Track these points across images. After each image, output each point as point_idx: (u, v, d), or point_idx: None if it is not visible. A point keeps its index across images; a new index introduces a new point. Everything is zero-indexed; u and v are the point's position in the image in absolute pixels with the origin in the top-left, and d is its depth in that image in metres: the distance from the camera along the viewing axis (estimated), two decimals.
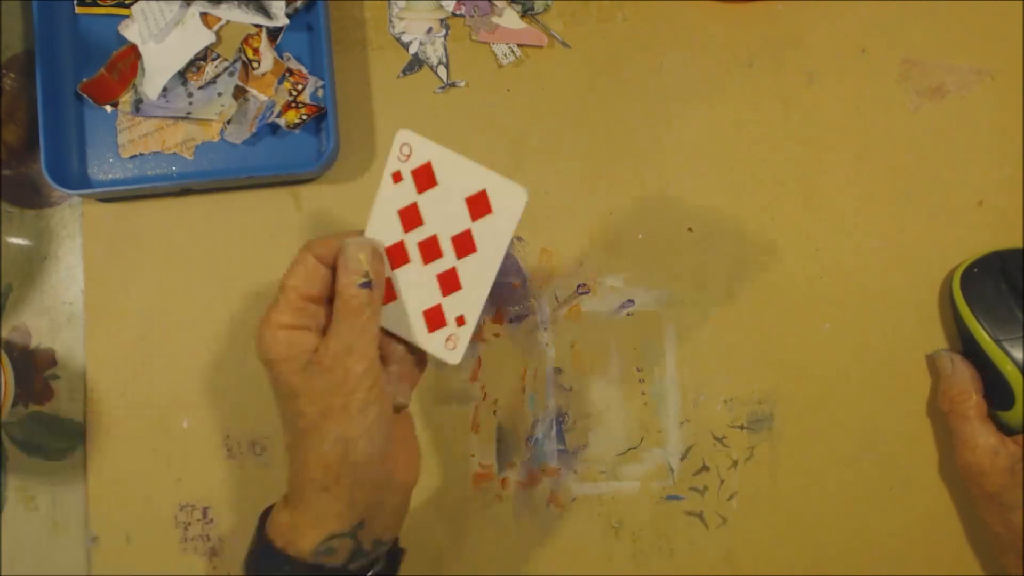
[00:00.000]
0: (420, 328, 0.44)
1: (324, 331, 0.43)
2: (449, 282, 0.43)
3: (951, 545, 0.54)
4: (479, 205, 0.41)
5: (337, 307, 0.42)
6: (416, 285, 0.44)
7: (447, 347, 0.44)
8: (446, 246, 0.43)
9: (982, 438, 0.49)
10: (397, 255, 0.44)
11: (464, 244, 0.42)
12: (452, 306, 0.44)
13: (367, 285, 0.42)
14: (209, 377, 0.55)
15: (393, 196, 0.43)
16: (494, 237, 0.41)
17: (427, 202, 0.42)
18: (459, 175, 0.41)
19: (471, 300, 0.43)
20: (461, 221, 0.41)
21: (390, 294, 0.44)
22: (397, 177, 0.43)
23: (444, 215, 0.42)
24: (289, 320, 0.43)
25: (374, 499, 0.43)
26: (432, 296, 0.44)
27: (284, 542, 0.42)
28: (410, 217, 0.43)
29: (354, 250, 0.42)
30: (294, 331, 0.42)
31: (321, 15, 0.53)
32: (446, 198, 0.42)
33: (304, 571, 0.42)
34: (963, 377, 0.51)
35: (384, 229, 0.44)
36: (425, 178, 0.42)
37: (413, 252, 0.43)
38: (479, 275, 0.43)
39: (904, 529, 0.54)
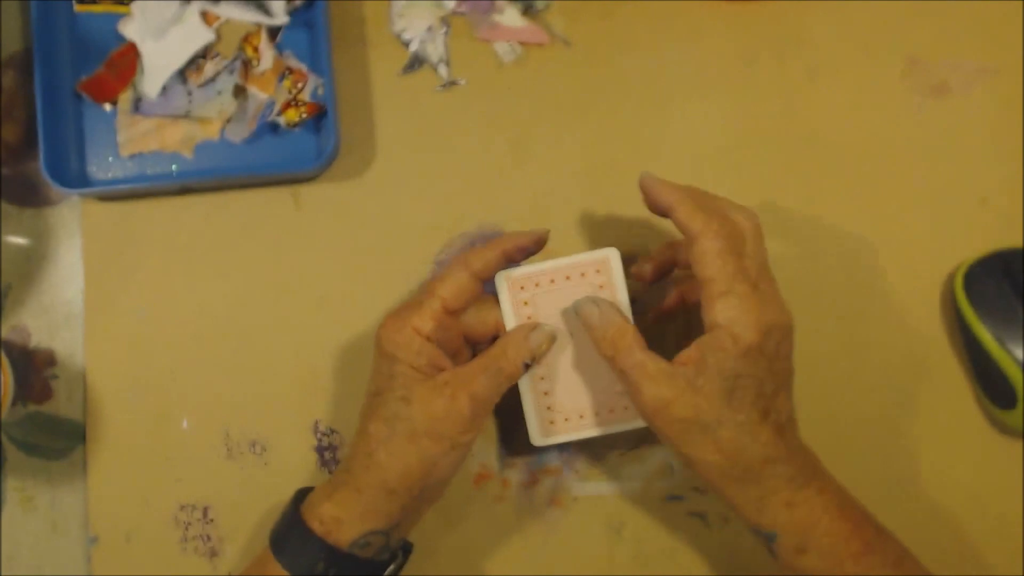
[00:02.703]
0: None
1: (444, 344, 0.46)
2: None
3: (952, 545, 0.54)
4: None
5: (496, 361, 0.45)
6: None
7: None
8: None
9: (652, 365, 0.43)
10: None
11: None
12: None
13: (528, 365, 0.45)
14: (209, 377, 0.54)
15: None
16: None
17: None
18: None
19: None
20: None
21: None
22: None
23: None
24: (429, 329, 0.45)
25: (417, 507, 0.46)
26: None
27: (324, 530, 0.45)
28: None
29: (540, 337, 0.46)
30: (427, 342, 0.45)
31: (321, 13, 0.53)
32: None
33: (339, 560, 0.45)
34: (613, 315, 0.45)
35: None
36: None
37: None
38: None
39: (905, 529, 0.54)
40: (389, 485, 0.44)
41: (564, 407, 0.48)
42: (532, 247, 0.47)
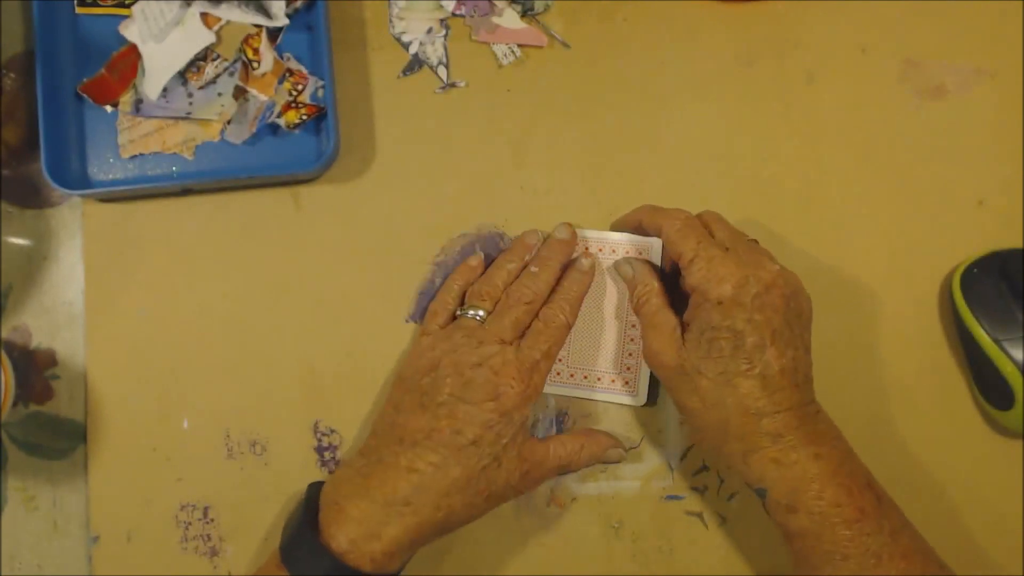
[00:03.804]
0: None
1: None
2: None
3: (951, 545, 0.54)
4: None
5: (567, 456, 0.50)
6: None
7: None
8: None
9: (662, 318, 0.48)
10: None
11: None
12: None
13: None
14: (209, 377, 0.55)
15: None
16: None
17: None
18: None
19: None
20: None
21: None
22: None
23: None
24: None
25: None
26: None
27: (376, 567, 0.45)
28: None
29: (615, 456, 0.52)
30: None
31: (321, 15, 0.53)
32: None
33: None
34: (645, 272, 0.50)
35: None
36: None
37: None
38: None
39: None
40: (449, 527, 0.47)
41: (572, 363, 0.53)
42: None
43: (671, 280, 0.51)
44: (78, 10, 0.55)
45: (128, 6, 0.55)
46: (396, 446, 0.47)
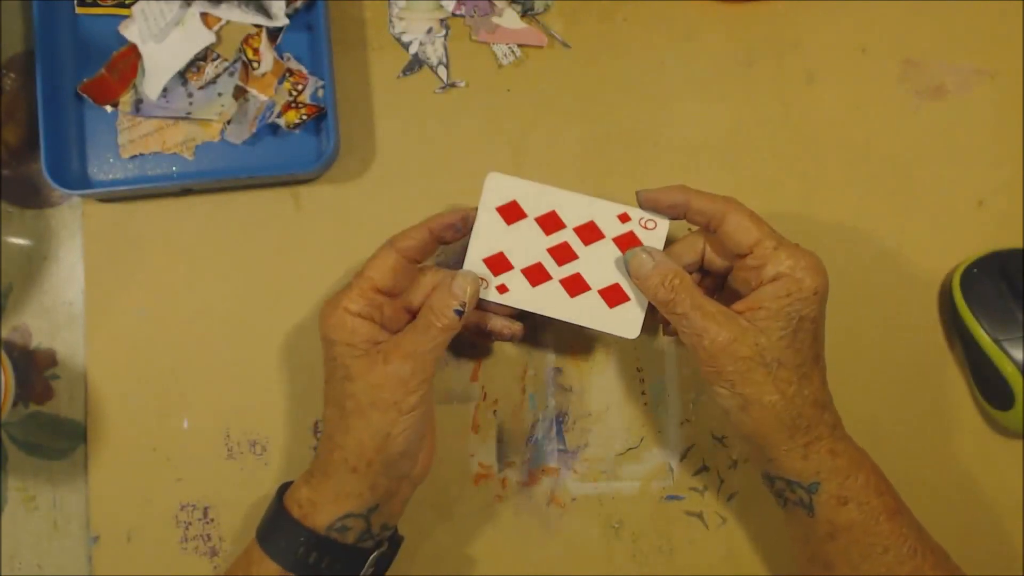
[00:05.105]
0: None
1: (386, 324, 0.46)
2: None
3: (951, 545, 0.54)
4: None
5: (424, 317, 0.46)
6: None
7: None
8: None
9: (712, 307, 0.44)
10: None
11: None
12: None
13: (459, 312, 0.45)
14: (209, 377, 0.55)
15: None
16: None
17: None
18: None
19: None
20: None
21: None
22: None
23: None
24: (357, 308, 0.46)
25: (392, 488, 0.46)
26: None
27: (301, 514, 0.45)
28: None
29: (463, 281, 0.46)
30: (359, 319, 0.46)
31: (321, 15, 0.54)
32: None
33: (317, 543, 0.45)
34: (669, 262, 0.46)
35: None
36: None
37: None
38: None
39: None
40: (350, 464, 0.45)
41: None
42: (459, 224, 0.48)
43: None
44: (78, 10, 0.55)
45: (128, 6, 0.55)
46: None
